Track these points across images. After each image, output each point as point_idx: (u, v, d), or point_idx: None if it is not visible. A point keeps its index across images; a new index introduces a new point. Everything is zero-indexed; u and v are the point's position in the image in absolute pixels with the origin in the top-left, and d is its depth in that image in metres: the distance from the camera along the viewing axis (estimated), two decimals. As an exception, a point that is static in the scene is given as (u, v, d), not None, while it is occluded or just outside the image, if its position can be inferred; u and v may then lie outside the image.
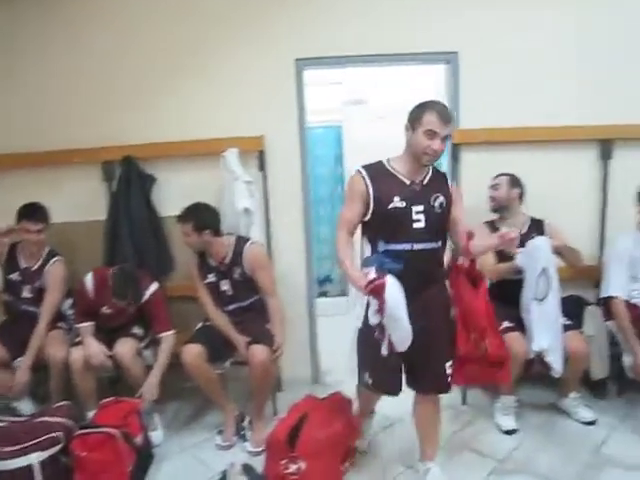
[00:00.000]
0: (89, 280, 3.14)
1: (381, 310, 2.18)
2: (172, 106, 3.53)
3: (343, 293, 5.53)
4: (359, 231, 2.48)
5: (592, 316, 3.37)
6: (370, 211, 2.34)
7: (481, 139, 3.49)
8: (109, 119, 3.52)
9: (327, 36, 3.47)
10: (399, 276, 2.20)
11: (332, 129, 5.34)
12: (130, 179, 3.43)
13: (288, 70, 3.48)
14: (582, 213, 3.62)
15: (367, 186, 2.33)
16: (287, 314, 3.37)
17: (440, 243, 2.41)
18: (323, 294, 5.43)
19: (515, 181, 3.34)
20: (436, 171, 2.46)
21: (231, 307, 3.21)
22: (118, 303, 3.07)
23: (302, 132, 3.56)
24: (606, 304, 3.22)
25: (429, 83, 3.93)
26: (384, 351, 2.30)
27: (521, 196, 3.36)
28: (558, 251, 3.16)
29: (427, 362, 2.45)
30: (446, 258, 2.56)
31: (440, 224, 2.40)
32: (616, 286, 3.18)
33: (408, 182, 2.35)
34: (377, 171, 2.37)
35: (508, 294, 3.14)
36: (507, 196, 3.34)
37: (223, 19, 3.47)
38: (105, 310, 3.17)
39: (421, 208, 2.33)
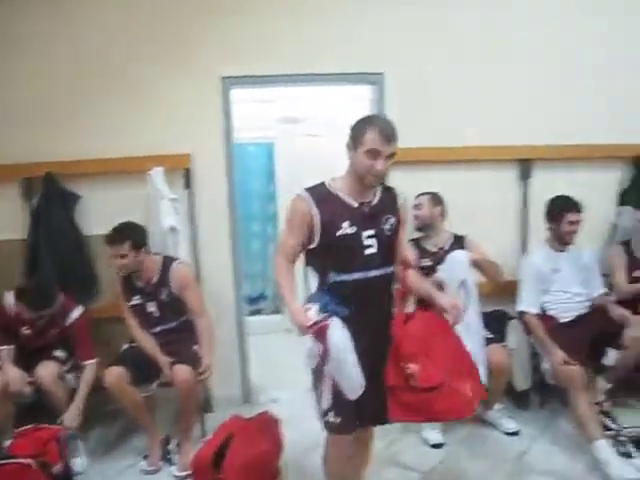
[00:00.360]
0: (9, 298, 3.06)
1: (324, 356, 2.00)
2: (96, 123, 3.45)
3: (277, 311, 5.51)
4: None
5: (515, 330, 3.49)
6: (316, 239, 2.11)
7: (406, 158, 3.55)
8: (30, 135, 3.41)
9: (254, 55, 3.49)
10: (352, 309, 2.05)
11: (264, 146, 5.35)
12: (51, 197, 3.33)
13: (214, 88, 3.47)
14: (504, 230, 3.76)
15: (312, 212, 2.10)
16: (216, 333, 3.31)
17: (393, 267, 2.23)
18: (256, 312, 5.39)
19: (437, 199, 3.44)
20: (385, 189, 2.27)
21: (158, 329, 3.15)
22: (34, 315, 2.99)
23: (229, 150, 3.55)
24: (523, 319, 3.35)
25: (363, 101, 3.99)
26: (324, 404, 2.15)
27: (443, 213, 3.45)
28: (477, 264, 3.26)
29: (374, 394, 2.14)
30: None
31: (392, 247, 2.22)
32: (527, 301, 3.33)
33: (356, 205, 2.15)
34: (322, 194, 2.14)
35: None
36: (430, 214, 3.42)
37: (149, 37, 3.44)
38: (25, 330, 3.08)
39: (372, 232, 2.14)
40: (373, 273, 2.14)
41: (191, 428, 3.09)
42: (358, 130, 2.11)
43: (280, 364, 4.49)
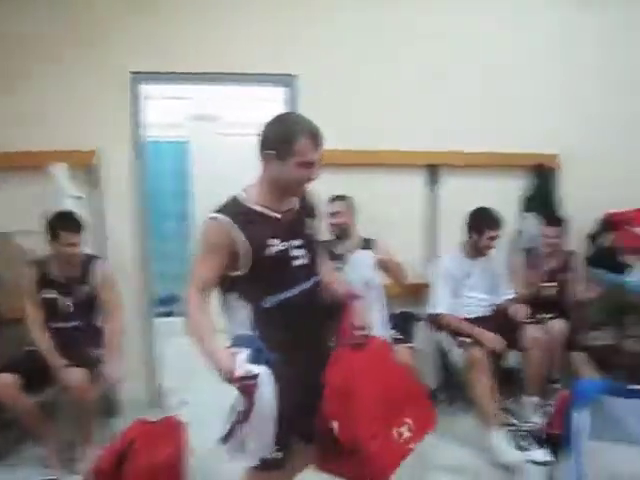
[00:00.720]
0: None
1: (247, 412, 1.77)
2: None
3: (189, 312, 5.38)
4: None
5: (422, 331, 3.59)
6: (243, 265, 1.85)
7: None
8: None
9: (166, 51, 3.42)
10: (287, 333, 1.88)
11: (178, 144, 5.25)
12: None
13: (122, 83, 3.38)
14: (411, 234, 3.85)
15: (234, 236, 1.82)
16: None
17: (319, 275, 2.04)
18: (169, 314, 5.27)
19: (352, 204, 3.46)
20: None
21: (68, 324, 3.04)
22: None
23: (139, 147, 3.47)
24: (435, 320, 3.45)
25: (277, 102, 3.99)
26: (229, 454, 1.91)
27: (356, 218, 3.49)
28: (382, 265, 3.33)
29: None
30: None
31: (317, 253, 2.05)
32: (441, 304, 3.41)
33: (279, 216, 1.93)
34: (240, 214, 1.87)
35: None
36: (346, 221, 3.42)
37: (56, 30, 3.31)
38: None
39: (299, 242, 1.95)
40: (305, 285, 1.95)
41: (90, 433, 2.99)
42: (285, 138, 1.85)
43: (192, 367, 4.39)
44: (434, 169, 3.80)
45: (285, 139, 1.84)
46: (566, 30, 3.87)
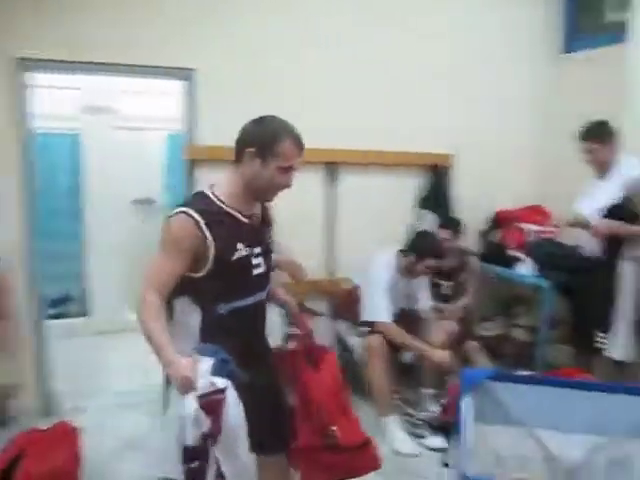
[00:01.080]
0: None
1: (212, 433, 1.56)
2: None
3: (83, 313, 5.18)
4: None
5: (322, 325, 3.63)
6: (207, 267, 1.77)
7: (217, 157, 3.53)
8: None
9: (57, 38, 3.21)
10: (239, 341, 1.80)
11: (69, 137, 4.98)
12: None
13: (6, 70, 3.15)
14: (310, 231, 3.88)
15: (204, 236, 1.74)
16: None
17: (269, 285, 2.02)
18: (61, 315, 5.01)
19: None
20: None
21: None
22: None
23: (24, 139, 3.24)
24: (376, 328, 3.36)
25: (174, 95, 3.89)
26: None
27: None
28: (280, 266, 3.33)
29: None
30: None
31: (272, 260, 2.01)
32: (382, 311, 3.32)
33: (247, 221, 1.87)
34: (212, 214, 1.78)
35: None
36: None
37: None
38: None
39: (259, 249, 1.89)
40: (261, 295, 1.92)
41: None
42: (270, 136, 1.83)
43: (87, 370, 4.25)
44: (333, 167, 3.85)
45: (270, 139, 1.81)
46: (461, 33, 4.07)
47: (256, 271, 1.87)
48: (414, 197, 4.08)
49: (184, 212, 1.75)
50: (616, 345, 3.04)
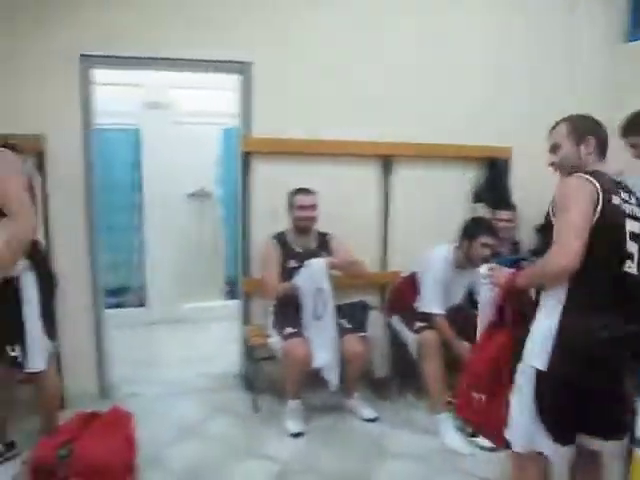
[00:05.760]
0: None
1: None
2: None
3: (141, 303, 5.35)
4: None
5: (375, 319, 3.63)
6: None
7: (273, 149, 3.59)
8: None
9: (119, 35, 3.32)
10: None
11: (130, 132, 5.13)
12: None
13: (72, 67, 3.27)
14: (367, 225, 3.88)
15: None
16: (70, 326, 3.20)
17: None
18: (119, 305, 5.18)
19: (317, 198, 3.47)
20: None
21: None
22: None
23: (87, 133, 3.36)
24: (427, 318, 3.37)
25: (230, 90, 3.96)
26: None
27: None
28: (338, 268, 3.35)
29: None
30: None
31: None
32: (436, 305, 3.33)
33: None
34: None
35: (293, 308, 3.29)
36: (316, 214, 3.45)
37: (5, 6, 3.16)
38: None
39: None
40: None
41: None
42: None
43: (142, 358, 4.38)
44: (388, 160, 3.83)
45: None
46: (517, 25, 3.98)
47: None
48: (470, 191, 4.01)
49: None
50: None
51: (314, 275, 3.19)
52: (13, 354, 2.57)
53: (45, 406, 2.84)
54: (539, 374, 1.91)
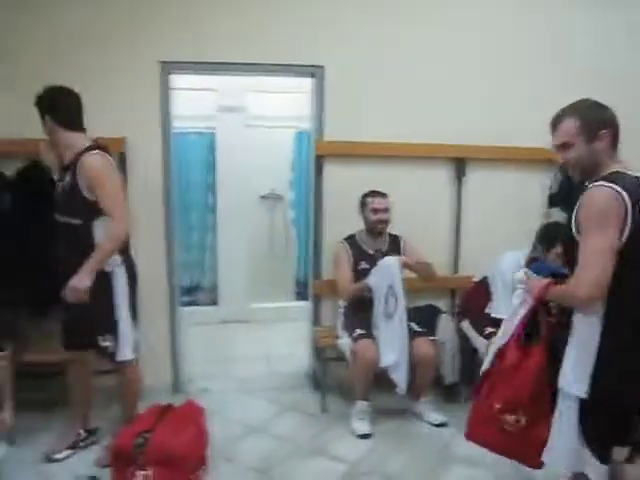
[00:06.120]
0: None
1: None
2: (29, 101, 3.31)
3: (213, 302, 5.48)
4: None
5: (445, 324, 3.58)
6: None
7: (344, 152, 3.62)
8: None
9: (195, 41, 3.44)
10: None
11: (205, 135, 5.28)
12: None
13: (152, 72, 3.41)
14: (438, 227, 3.84)
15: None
16: (148, 324, 3.33)
17: None
18: (192, 303, 5.34)
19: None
20: None
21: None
22: None
23: (166, 137, 3.50)
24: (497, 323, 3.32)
25: (303, 93, 4.03)
26: None
27: None
28: (410, 268, 3.33)
29: None
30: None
31: None
32: (502, 308, 3.20)
33: None
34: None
35: (363, 309, 3.30)
36: (389, 217, 3.46)
37: (88, 19, 3.34)
38: None
39: None
40: None
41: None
42: None
43: (213, 355, 4.49)
44: (460, 163, 3.78)
45: None
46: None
47: None
48: (544, 194, 3.90)
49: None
50: None
51: (387, 272, 3.19)
52: (105, 344, 2.72)
53: (128, 395, 2.97)
54: (583, 401, 1.85)
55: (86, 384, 2.99)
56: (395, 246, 3.51)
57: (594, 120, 1.89)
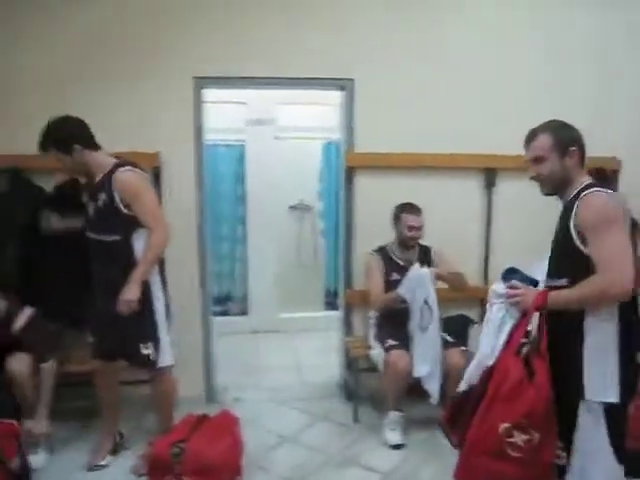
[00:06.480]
0: None
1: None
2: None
3: (243, 312, 5.53)
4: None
5: (476, 334, 3.56)
6: None
7: (374, 164, 3.64)
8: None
9: (226, 57, 3.51)
10: None
11: (235, 148, 5.36)
12: (16, 190, 3.28)
13: (186, 88, 3.48)
14: (468, 238, 3.83)
15: None
16: (181, 334, 3.35)
17: None
18: (223, 313, 5.39)
19: None
20: None
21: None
22: None
23: (199, 150, 3.57)
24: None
25: (331, 106, 4.06)
26: None
27: None
28: (442, 279, 3.34)
29: None
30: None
31: None
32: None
33: None
34: None
35: (395, 320, 3.31)
36: (423, 232, 3.47)
37: (124, 35, 3.44)
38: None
39: None
40: None
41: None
42: None
43: (244, 365, 4.53)
44: (491, 172, 3.78)
45: None
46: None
47: None
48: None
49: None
50: None
51: (418, 283, 3.19)
52: (145, 352, 2.77)
53: (165, 406, 3.02)
54: (609, 408, 1.85)
55: (116, 391, 3.06)
56: (426, 257, 3.51)
57: (565, 138, 2.07)
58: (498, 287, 2.13)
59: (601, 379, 1.86)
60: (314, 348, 4.87)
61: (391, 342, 3.25)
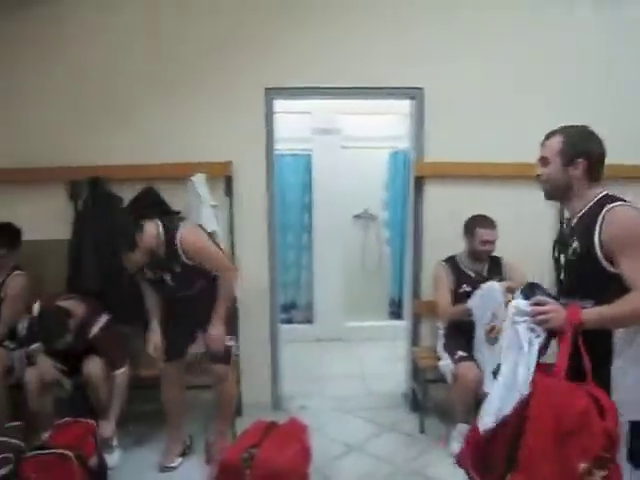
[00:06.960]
0: (35, 310, 3.03)
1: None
2: (142, 129, 3.55)
3: (308, 320, 5.57)
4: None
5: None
6: None
7: (444, 173, 3.61)
8: (78, 140, 3.53)
9: (296, 67, 3.58)
10: None
11: (302, 157, 5.42)
12: (96, 199, 3.40)
13: (258, 99, 3.56)
14: (539, 247, 3.72)
15: None
16: (249, 340, 3.44)
17: None
18: (288, 320, 5.45)
19: None
20: None
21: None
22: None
23: (270, 159, 3.63)
24: None
25: (400, 115, 4.06)
26: None
27: None
28: (512, 292, 3.25)
29: None
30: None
31: None
32: None
33: None
34: None
35: (465, 331, 3.25)
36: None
37: (200, 47, 3.55)
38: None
39: None
40: None
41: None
42: None
43: (309, 373, 4.55)
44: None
45: None
46: None
47: None
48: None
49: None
50: None
51: (490, 298, 3.13)
52: (230, 344, 3.06)
53: (224, 409, 3.12)
54: (632, 427, 1.78)
55: (183, 393, 3.19)
56: (496, 268, 3.44)
57: (576, 147, 1.96)
58: (521, 304, 1.86)
59: (632, 397, 1.80)
60: (379, 357, 4.85)
61: (461, 353, 3.20)
